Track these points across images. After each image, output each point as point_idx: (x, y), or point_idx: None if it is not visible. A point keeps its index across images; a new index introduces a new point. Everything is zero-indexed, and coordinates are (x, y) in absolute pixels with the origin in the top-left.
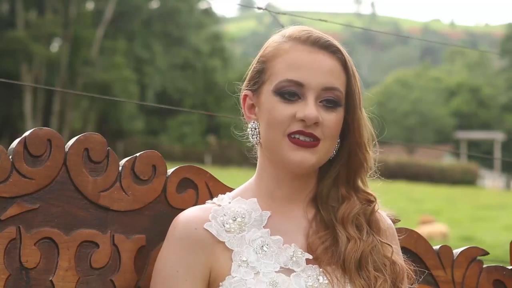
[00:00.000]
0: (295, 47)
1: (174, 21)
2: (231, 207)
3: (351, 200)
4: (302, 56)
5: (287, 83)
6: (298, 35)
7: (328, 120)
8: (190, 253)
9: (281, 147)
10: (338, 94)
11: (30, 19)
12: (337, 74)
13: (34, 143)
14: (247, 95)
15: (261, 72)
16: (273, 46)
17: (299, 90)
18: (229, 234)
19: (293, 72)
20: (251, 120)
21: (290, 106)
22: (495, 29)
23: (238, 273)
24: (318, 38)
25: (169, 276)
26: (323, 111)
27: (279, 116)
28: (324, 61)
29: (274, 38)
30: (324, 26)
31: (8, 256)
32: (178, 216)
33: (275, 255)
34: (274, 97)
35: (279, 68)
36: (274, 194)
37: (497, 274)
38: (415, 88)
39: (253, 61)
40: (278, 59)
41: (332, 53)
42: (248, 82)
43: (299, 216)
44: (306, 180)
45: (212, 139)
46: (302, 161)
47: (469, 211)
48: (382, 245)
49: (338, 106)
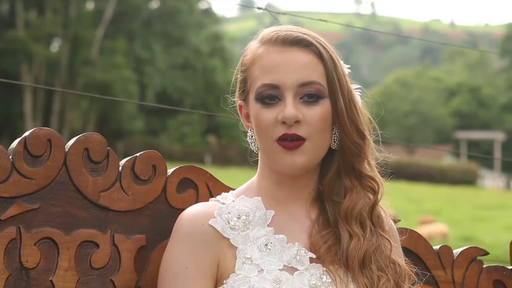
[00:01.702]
0: (267, 49)
1: (174, 21)
2: (235, 205)
3: (354, 192)
4: (274, 58)
5: (264, 87)
6: (268, 37)
7: (310, 116)
8: (198, 249)
9: (273, 152)
10: (317, 87)
11: (30, 19)
12: (313, 67)
13: (34, 143)
14: (241, 105)
15: (244, 81)
16: (250, 53)
17: (277, 92)
18: (233, 231)
19: (267, 76)
20: (248, 129)
21: (272, 110)
22: (495, 29)
23: (242, 270)
24: (286, 36)
25: (178, 273)
26: (305, 107)
27: (263, 123)
28: (296, 57)
29: (251, 44)
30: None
31: (8, 256)
32: (183, 213)
33: (278, 253)
34: (256, 104)
35: (256, 74)
36: (275, 195)
37: (497, 274)
38: (415, 88)
39: (235, 70)
40: (254, 66)
41: (305, 47)
42: (238, 92)
43: (302, 216)
44: (307, 178)
45: (212, 139)
46: (292, 164)
47: (469, 211)
48: (385, 244)
49: (320, 99)
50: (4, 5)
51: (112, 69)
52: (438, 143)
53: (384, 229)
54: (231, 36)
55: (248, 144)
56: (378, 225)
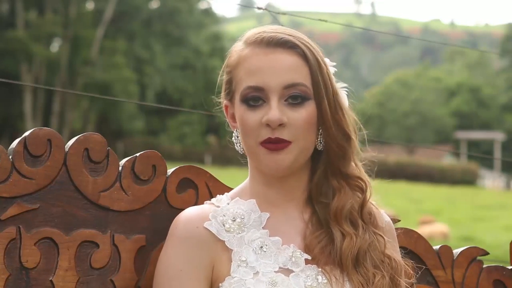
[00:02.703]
0: (252, 51)
1: (174, 21)
2: (230, 208)
3: (342, 192)
4: (258, 60)
5: (248, 90)
6: (253, 39)
7: (295, 118)
8: (193, 251)
9: (258, 154)
10: (302, 89)
11: (30, 19)
12: (298, 69)
13: (34, 143)
14: (227, 106)
15: (230, 82)
16: (235, 54)
17: (261, 94)
18: (229, 234)
19: (252, 78)
20: (234, 129)
21: (257, 112)
22: (495, 29)
23: (237, 273)
24: (271, 37)
25: (173, 276)
26: (289, 109)
27: (248, 125)
28: (280, 59)
29: (236, 45)
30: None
31: (8, 256)
32: (178, 216)
33: (274, 255)
34: (242, 106)
35: (241, 76)
36: (268, 196)
37: (497, 274)
38: (415, 88)
39: (220, 71)
40: (239, 67)
41: (290, 49)
42: (223, 92)
43: (296, 217)
44: (296, 179)
45: (212, 139)
46: (277, 164)
47: (469, 211)
48: (378, 241)
49: (306, 100)
50: (4, 5)
51: (112, 69)
52: (438, 143)
53: (377, 225)
54: (231, 36)
55: (230, 149)
56: (370, 222)
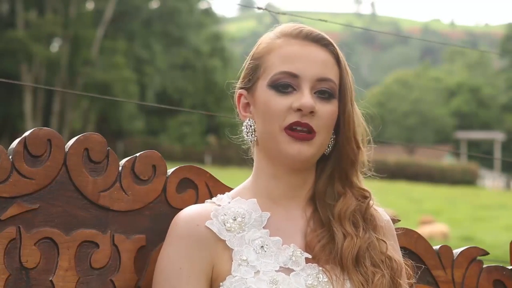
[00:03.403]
0: (287, 41)
1: (174, 21)
2: (231, 207)
3: (347, 197)
4: (295, 49)
5: (282, 75)
6: (290, 31)
7: (323, 111)
8: (193, 249)
9: (279, 141)
10: (332, 86)
11: (30, 19)
12: (330, 66)
13: (34, 143)
14: (242, 94)
15: (255, 68)
16: (266, 42)
17: (294, 82)
18: (229, 233)
19: (287, 64)
20: (246, 119)
21: (286, 98)
22: (495, 29)
23: (238, 272)
24: (310, 31)
25: (172, 274)
26: (318, 102)
27: (275, 109)
28: (317, 53)
29: (267, 35)
30: (324, 26)
31: (8, 256)
32: (178, 214)
33: (274, 255)
34: (269, 91)
35: (273, 62)
36: (272, 193)
37: (497, 274)
38: (415, 88)
39: (246, 59)
40: (271, 54)
41: (325, 46)
42: (242, 80)
43: (297, 215)
44: (304, 177)
45: (212, 139)
46: (299, 153)
47: (469, 211)
48: (378, 241)
49: (332, 98)
50: (4, 5)
51: (112, 69)
52: (438, 143)
53: (376, 225)
54: (231, 36)
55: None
56: (370, 222)
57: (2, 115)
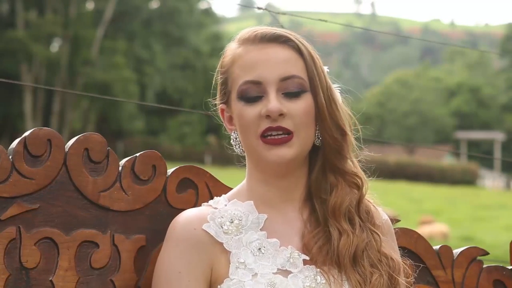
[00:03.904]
0: (246, 49)
1: (174, 21)
2: (227, 210)
3: (339, 188)
4: (254, 55)
5: (246, 85)
6: (246, 36)
7: (294, 109)
8: (191, 253)
9: (258, 150)
10: (299, 81)
11: (30, 19)
12: (293, 62)
13: (34, 143)
14: (223, 109)
15: (225, 82)
16: (229, 54)
17: (258, 89)
18: (227, 235)
19: (248, 73)
20: (232, 131)
21: (255, 106)
22: (495, 29)
23: (236, 275)
24: (264, 33)
25: (172, 278)
26: (287, 101)
27: (247, 120)
28: (275, 53)
29: (229, 45)
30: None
31: (8, 256)
32: (176, 218)
33: (272, 257)
34: (239, 103)
35: (237, 73)
36: (266, 197)
37: (497, 274)
38: (415, 88)
39: (215, 73)
40: (235, 66)
41: (283, 43)
42: (219, 95)
43: (294, 217)
44: (295, 177)
45: (212, 139)
46: (280, 158)
47: (469, 211)
48: (375, 239)
49: (303, 93)
50: (4, 5)
51: (112, 69)
52: (438, 143)
53: (374, 224)
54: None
55: (230, 150)
56: (368, 220)
57: (2, 115)
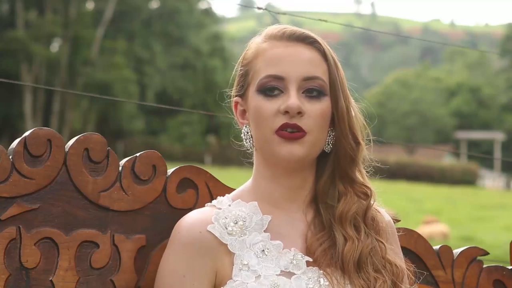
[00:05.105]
0: (272, 44)
1: (174, 21)
2: (231, 210)
3: (348, 196)
4: (280, 51)
5: (267, 78)
6: (274, 33)
7: (312, 110)
8: (196, 257)
9: (271, 144)
10: (321, 83)
11: (30, 19)
12: (317, 64)
13: (34, 143)
14: (237, 102)
15: (245, 75)
16: (253, 48)
17: (280, 84)
18: (231, 236)
19: (272, 68)
20: (243, 126)
21: (274, 101)
22: (495, 29)
23: (239, 277)
24: (293, 31)
25: (176, 281)
26: (307, 102)
27: (265, 114)
28: (302, 52)
29: (254, 40)
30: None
31: (8, 256)
32: (180, 221)
33: (275, 259)
34: (257, 96)
35: (260, 66)
36: (272, 196)
37: (497, 274)
38: (415, 88)
39: (236, 66)
40: (258, 59)
41: (310, 44)
42: (235, 88)
43: (298, 218)
44: (302, 178)
45: (212, 139)
46: (291, 154)
47: (469, 211)
48: (380, 246)
49: (322, 96)
50: (4, 5)
51: (112, 69)
52: (438, 143)
53: (378, 230)
54: (231, 36)
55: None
56: (372, 227)
57: (2, 115)
